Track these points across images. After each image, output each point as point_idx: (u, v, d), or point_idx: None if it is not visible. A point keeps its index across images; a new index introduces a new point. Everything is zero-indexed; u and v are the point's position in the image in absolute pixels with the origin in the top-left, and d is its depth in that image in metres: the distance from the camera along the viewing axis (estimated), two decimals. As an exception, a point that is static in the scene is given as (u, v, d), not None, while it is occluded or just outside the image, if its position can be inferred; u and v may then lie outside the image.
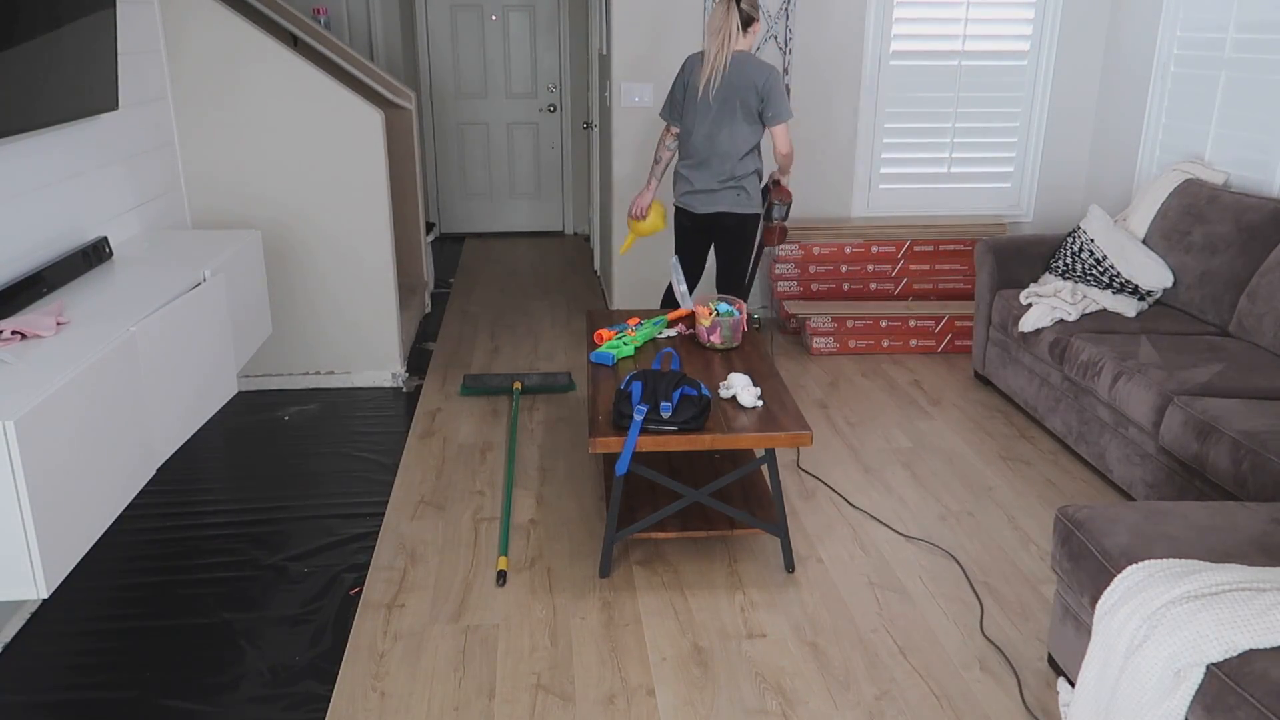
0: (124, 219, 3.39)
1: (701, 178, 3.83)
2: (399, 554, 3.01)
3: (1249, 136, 3.95)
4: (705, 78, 3.69)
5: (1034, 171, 5.21)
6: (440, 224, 7.43)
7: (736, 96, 3.69)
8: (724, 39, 3.65)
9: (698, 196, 3.86)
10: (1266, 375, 3.16)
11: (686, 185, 3.88)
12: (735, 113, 3.72)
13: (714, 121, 3.74)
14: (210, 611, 2.71)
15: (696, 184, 3.84)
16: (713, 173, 3.81)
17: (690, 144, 3.82)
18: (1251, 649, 1.74)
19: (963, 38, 4.93)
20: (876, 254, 4.94)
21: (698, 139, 3.78)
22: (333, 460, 3.64)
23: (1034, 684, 2.44)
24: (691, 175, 3.85)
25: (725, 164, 3.79)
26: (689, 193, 3.88)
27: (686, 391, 2.77)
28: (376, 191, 4.09)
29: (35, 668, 2.48)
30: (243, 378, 4.24)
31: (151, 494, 3.35)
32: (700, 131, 3.77)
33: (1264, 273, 3.50)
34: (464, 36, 7.00)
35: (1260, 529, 2.16)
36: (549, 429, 3.92)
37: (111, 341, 2.34)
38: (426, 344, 4.94)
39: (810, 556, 3.01)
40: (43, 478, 1.97)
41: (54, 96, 2.74)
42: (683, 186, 3.89)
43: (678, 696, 2.38)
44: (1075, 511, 2.28)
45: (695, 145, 3.80)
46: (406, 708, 2.34)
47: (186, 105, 3.86)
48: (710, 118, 3.74)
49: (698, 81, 3.71)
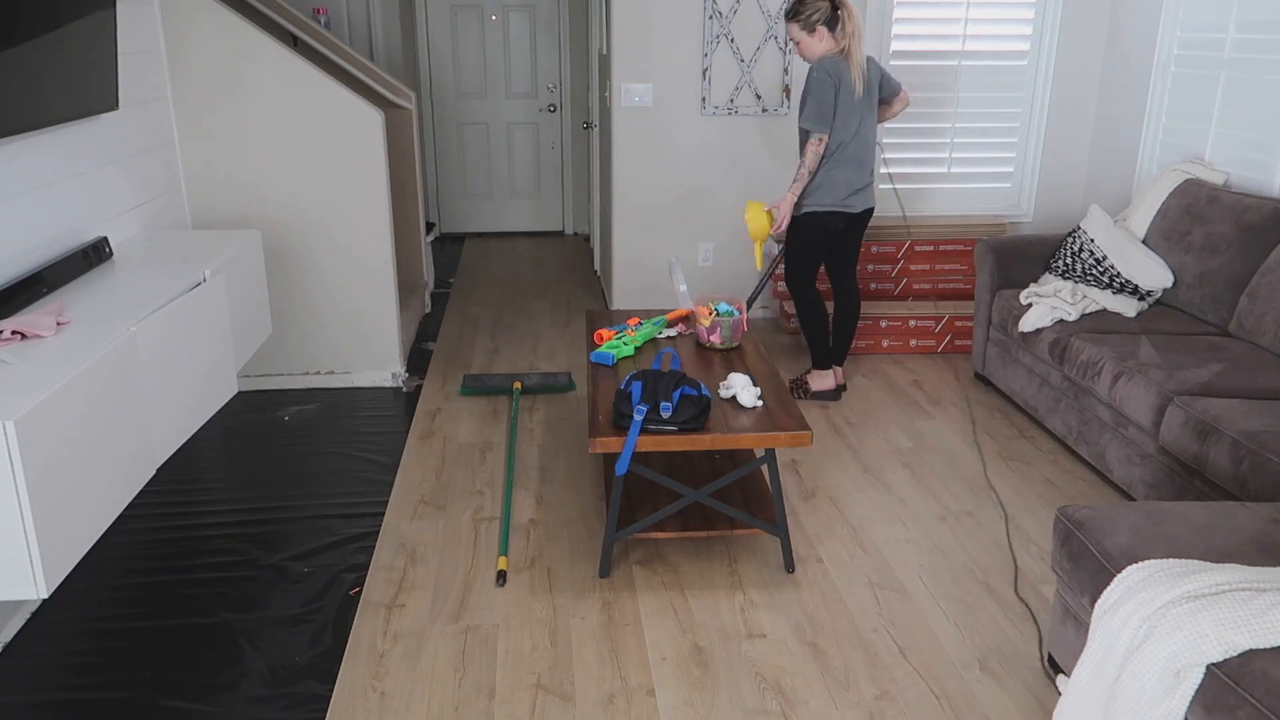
0: (124, 219, 3.39)
1: (862, 176, 3.90)
2: (399, 554, 3.01)
3: (1249, 136, 3.95)
4: (856, 78, 3.75)
5: (1034, 171, 5.22)
6: (440, 224, 7.43)
7: (874, 91, 3.86)
8: (860, 38, 3.76)
9: (859, 195, 3.91)
10: (1266, 375, 3.16)
11: (848, 187, 3.87)
12: (874, 107, 3.88)
13: (864, 119, 3.83)
14: (210, 611, 2.71)
15: (857, 182, 3.88)
16: (868, 169, 3.92)
17: (850, 146, 3.83)
18: (1251, 649, 1.74)
19: (963, 38, 4.94)
20: (876, 254, 4.94)
21: (857, 139, 3.84)
22: (333, 460, 3.64)
23: (1034, 684, 2.44)
24: (853, 176, 3.87)
25: (872, 158, 3.93)
26: (853, 193, 3.89)
27: (686, 391, 2.77)
28: (376, 191, 4.09)
29: (35, 668, 2.48)
30: (243, 378, 4.24)
31: (151, 494, 3.36)
32: (860, 132, 3.83)
33: (1264, 273, 3.50)
34: (464, 36, 7.00)
35: (1260, 529, 2.16)
36: (549, 429, 3.92)
37: (111, 341, 2.34)
38: (426, 344, 4.94)
39: (810, 556, 3.01)
40: (43, 478, 1.97)
41: (54, 96, 2.74)
42: (843, 190, 3.86)
43: (678, 696, 2.38)
44: (1075, 511, 2.28)
45: (855, 145, 3.84)
46: (406, 708, 2.34)
47: (186, 105, 3.86)
48: (860, 116, 3.82)
49: (852, 83, 3.75)
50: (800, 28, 3.72)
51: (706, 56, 4.85)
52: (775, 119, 5.00)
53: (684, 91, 4.91)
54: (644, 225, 5.12)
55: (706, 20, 4.79)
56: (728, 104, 4.94)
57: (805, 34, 3.73)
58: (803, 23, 3.71)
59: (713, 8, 4.78)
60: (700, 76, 4.89)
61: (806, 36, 3.73)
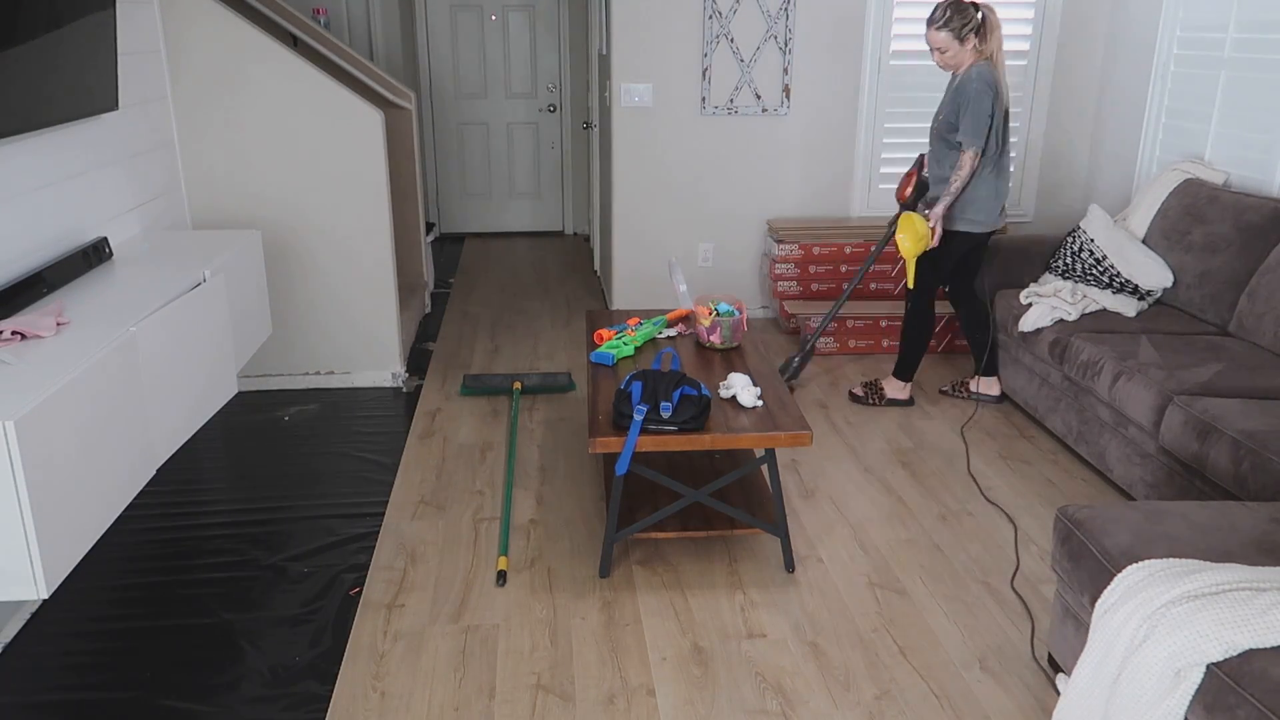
0: (124, 219, 3.39)
1: (1008, 188, 3.87)
2: (399, 554, 3.01)
3: (1249, 136, 3.95)
4: (1007, 87, 3.72)
5: (1034, 171, 5.22)
6: (440, 224, 7.43)
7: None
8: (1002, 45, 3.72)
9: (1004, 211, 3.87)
10: (1266, 375, 3.16)
11: (999, 202, 3.80)
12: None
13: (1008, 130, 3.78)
14: (210, 611, 2.71)
15: (1005, 196, 3.82)
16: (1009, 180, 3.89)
17: (1002, 158, 3.75)
18: (1251, 648, 1.74)
19: (963, 38, 4.93)
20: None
21: (1005, 151, 3.77)
22: (333, 460, 3.64)
23: (1034, 684, 2.44)
24: (1003, 190, 3.80)
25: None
26: (1002, 209, 3.83)
27: (686, 391, 2.77)
28: (376, 191, 4.09)
29: (35, 668, 2.48)
30: (243, 378, 4.24)
31: (151, 494, 3.35)
32: (1007, 143, 3.77)
33: (1264, 272, 3.50)
34: (464, 36, 7.00)
35: (1260, 529, 2.16)
36: (549, 429, 3.92)
37: (111, 342, 2.34)
38: (426, 344, 4.94)
39: (810, 556, 3.01)
40: (43, 478, 1.97)
41: (54, 96, 2.74)
42: (996, 206, 3.79)
43: (678, 696, 2.38)
44: (1075, 511, 2.28)
45: (1005, 157, 3.78)
46: (406, 708, 2.34)
47: (186, 105, 3.86)
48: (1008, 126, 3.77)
49: (1005, 92, 3.70)
50: (952, 36, 3.59)
51: (706, 56, 4.86)
52: (775, 119, 5.00)
53: (684, 91, 4.91)
54: (644, 225, 5.12)
55: (706, 20, 4.79)
56: (728, 104, 4.94)
57: (956, 43, 3.60)
58: (955, 31, 3.58)
59: (713, 8, 4.78)
60: (700, 76, 4.89)
61: (956, 45, 3.60)
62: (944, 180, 3.75)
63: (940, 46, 3.64)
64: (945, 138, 3.74)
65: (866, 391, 4.16)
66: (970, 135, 3.61)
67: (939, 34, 3.62)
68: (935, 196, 3.82)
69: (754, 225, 5.18)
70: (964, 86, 3.62)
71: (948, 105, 3.73)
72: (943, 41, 3.62)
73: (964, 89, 3.62)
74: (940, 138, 3.77)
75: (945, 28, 3.59)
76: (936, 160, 3.82)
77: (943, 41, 3.62)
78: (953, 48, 3.62)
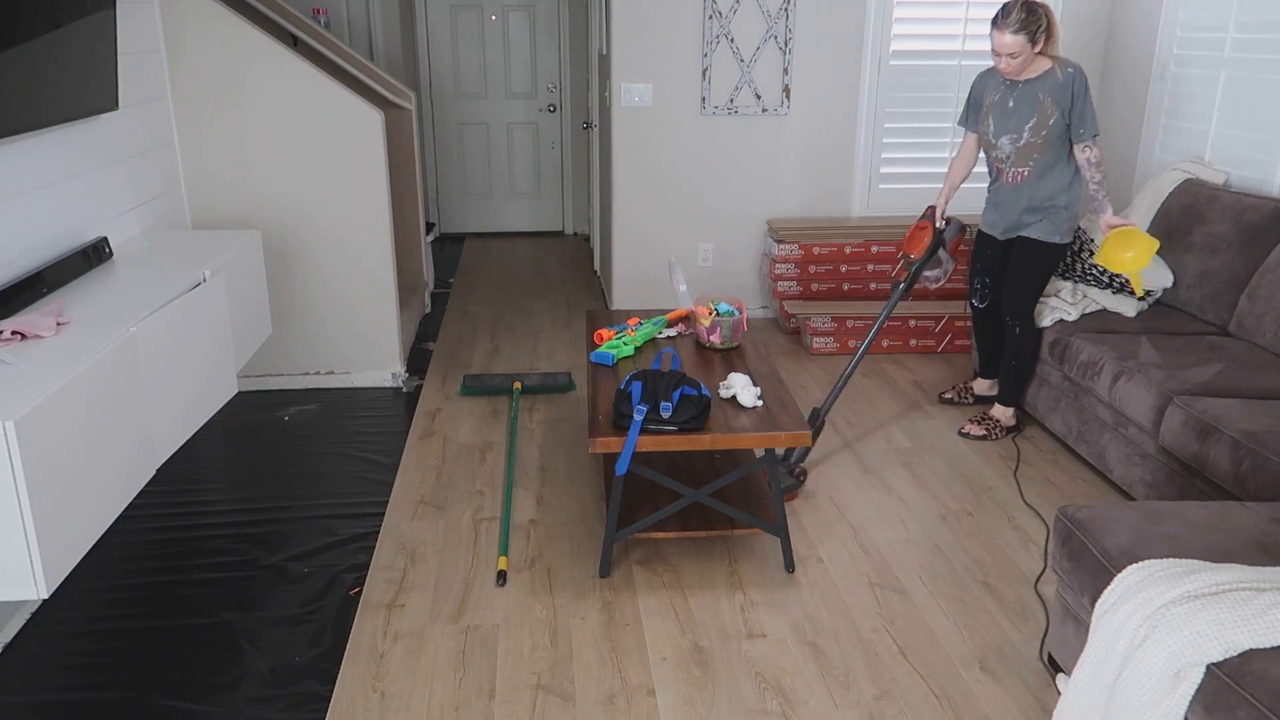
0: (124, 219, 3.39)
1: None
2: (399, 554, 3.01)
3: (1249, 136, 3.95)
4: None
5: (1034, 171, 5.21)
6: (440, 224, 7.43)
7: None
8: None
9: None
10: (1266, 375, 3.16)
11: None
12: None
13: None
14: (210, 611, 2.71)
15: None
16: None
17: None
18: (1251, 649, 1.74)
19: (963, 38, 4.93)
20: (876, 254, 4.94)
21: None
22: (333, 460, 3.64)
23: (1034, 684, 2.44)
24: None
25: None
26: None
27: (686, 391, 2.77)
28: (376, 191, 4.09)
29: (35, 668, 2.48)
30: (243, 378, 4.24)
31: (151, 494, 3.35)
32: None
33: (1264, 273, 3.50)
34: (464, 36, 7.00)
35: (1260, 529, 2.16)
36: (549, 429, 3.92)
37: (111, 342, 2.34)
38: (426, 344, 4.94)
39: (810, 556, 3.01)
40: (43, 478, 1.97)
41: (54, 96, 2.74)
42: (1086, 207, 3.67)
43: (678, 696, 2.38)
44: (1075, 511, 2.28)
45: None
46: (406, 708, 2.34)
47: (186, 105, 3.86)
48: None
49: None
50: (1027, 39, 3.35)
51: (706, 56, 4.85)
52: (775, 119, 5.00)
53: (684, 91, 4.91)
54: (644, 225, 5.12)
55: (706, 20, 4.79)
56: (728, 104, 4.94)
57: (1029, 46, 3.38)
58: (1031, 34, 3.35)
59: (713, 8, 4.78)
60: (700, 76, 4.89)
61: (1029, 49, 3.38)
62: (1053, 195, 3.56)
63: (1014, 51, 3.38)
64: (1050, 145, 3.50)
65: (988, 428, 3.86)
66: (1094, 125, 3.45)
67: (1015, 37, 3.36)
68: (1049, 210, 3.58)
69: (754, 225, 5.18)
70: (1070, 81, 3.42)
71: (1047, 108, 3.47)
72: (1017, 45, 3.37)
73: (1071, 84, 3.42)
74: (1047, 145, 3.51)
75: (1022, 30, 3.35)
76: (1037, 176, 3.57)
77: (1017, 45, 3.37)
78: (1025, 51, 3.39)
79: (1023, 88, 3.52)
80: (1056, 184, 3.57)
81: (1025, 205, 3.62)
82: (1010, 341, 3.78)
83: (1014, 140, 3.57)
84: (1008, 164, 3.62)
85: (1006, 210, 3.69)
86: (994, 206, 3.77)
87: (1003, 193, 3.70)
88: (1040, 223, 3.62)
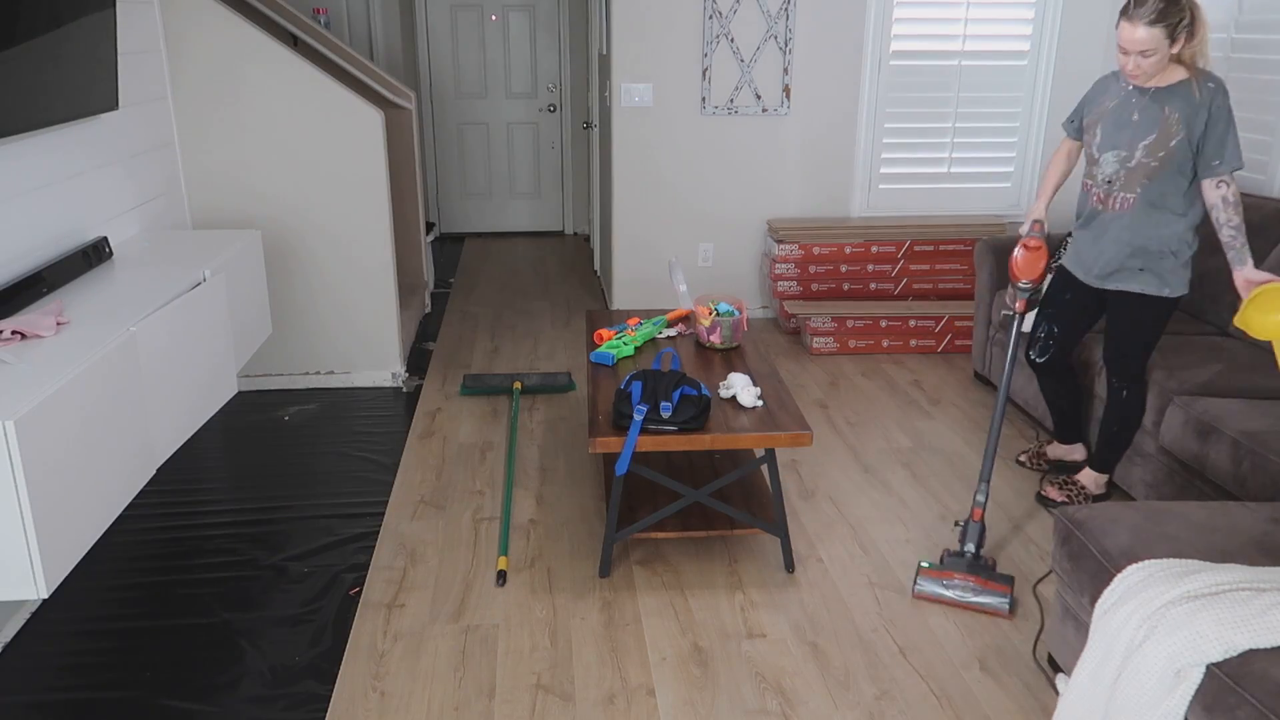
0: (124, 219, 3.39)
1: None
2: (399, 554, 3.01)
3: (1249, 137, 3.94)
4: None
5: (1034, 171, 5.21)
6: (440, 224, 7.43)
7: None
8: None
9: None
10: (1266, 375, 3.16)
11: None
12: None
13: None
14: (210, 611, 2.71)
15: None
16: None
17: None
18: (1251, 649, 1.74)
19: (963, 38, 4.94)
20: (876, 254, 4.94)
21: None
22: (333, 460, 3.64)
23: (1034, 684, 2.44)
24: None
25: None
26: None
27: (686, 391, 2.77)
28: (376, 191, 4.09)
29: (35, 668, 2.48)
30: (243, 378, 4.24)
31: (151, 494, 3.35)
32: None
33: (1264, 273, 3.50)
34: (464, 36, 7.00)
35: (1260, 529, 2.17)
36: (549, 429, 3.92)
37: (111, 341, 2.34)
38: (426, 344, 4.94)
39: (810, 556, 3.01)
40: (43, 478, 1.97)
41: (54, 96, 2.74)
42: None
43: (678, 696, 2.38)
44: (1075, 511, 2.28)
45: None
46: (406, 708, 2.34)
47: (186, 105, 3.86)
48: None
49: None
50: (1165, 34, 2.69)
51: (706, 56, 4.86)
52: (775, 119, 5.00)
53: (684, 91, 4.91)
54: (644, 225, 5.12)
55: (706, 20, 4.79)
56: (728, 104, 4.94)
57: (1166, 43, 2.71)
58: (1170, 28, 2.69)
59: (713, 8, 4.78)
60: (700, 76, 4.89)
61: (1166, 46, 2.72)
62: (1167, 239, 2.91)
63: (1146, 47, 2.70)
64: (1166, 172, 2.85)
65: (1069, 494, 3.29)
66: (1236, 157, 2.79)
67: (1150, 30, 2.68)
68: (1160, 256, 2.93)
69: (754, 225, 5.18)
70: (1210, 101, 2.76)
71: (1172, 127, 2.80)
72: (1152, 41, 2.69)
73: (1210, 104, 2.76)
74: (1162, 172, 2.85)
75: (1159, 23, 2.67)
76: (1145, 207, 2.90)
77: (1152, 41, 2.69)
78: (1161, 50, 2.71)
79: (1151, 97, 2.84)
80: (1171, 224, 2.90)
81: (1130, 244, 2.94)
82: (1114, 406, 3.14)
83: (1123, 159, 2.90)
84: (1111, 187, 2.95)
85: (1105, 247, 3.00)
86: (1091, 240, 3.06)
87: (1103, 223, 3.01)
88: (1144, 273, 2.96)
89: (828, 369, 4.62)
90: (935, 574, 2.79)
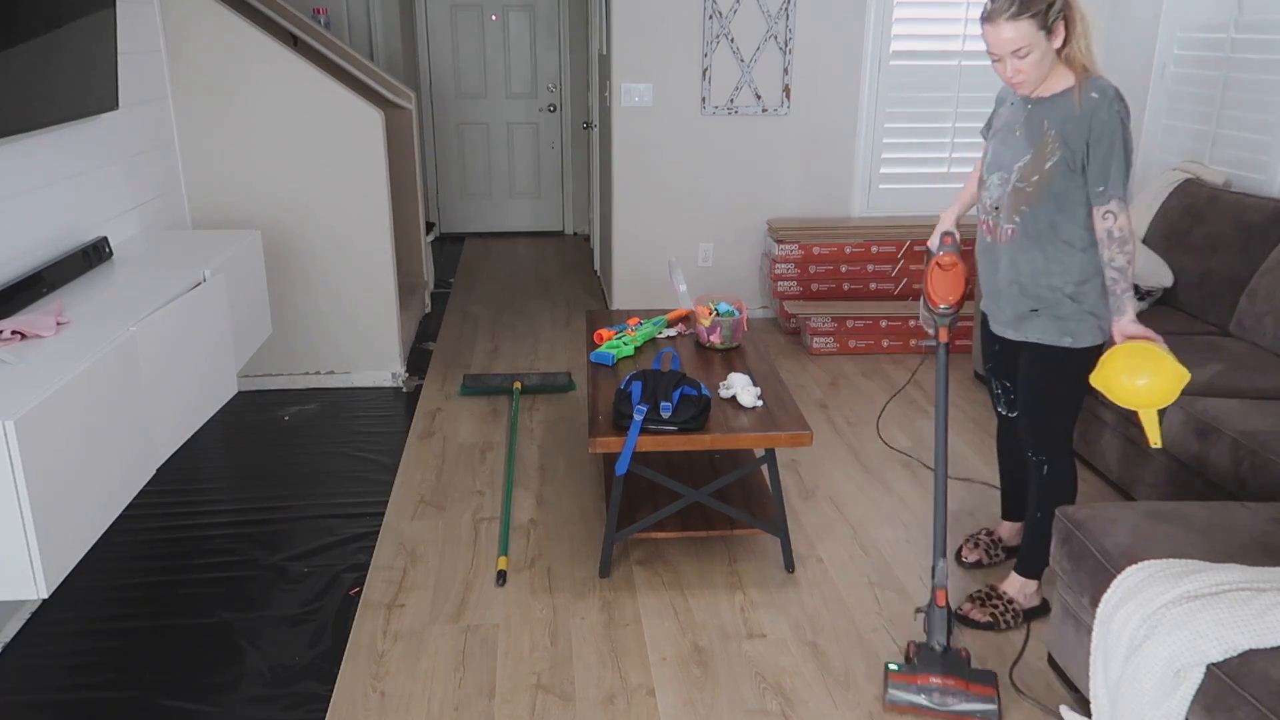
0: (124, 219, 3.39)
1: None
2: (399, 554, 3.01)
3: (1249, 137, 3.95)
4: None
5: (1034, 171, 5.21)
6: (440, 224, 7.43)
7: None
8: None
9: None
10: (1266, 375, 3.16)
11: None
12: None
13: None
14: (210, 611, 2.71)
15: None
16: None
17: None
18: (1251, 649, 1.74)
19: (963, 38, 4.93)
20: (876, 254, 4.94)
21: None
22: (333, 460, 3.64)
23: (1034, 684, 2.43)
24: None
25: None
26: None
27: (686, 391, 2.77)
28: (376, 191, 4.09)
29: (35, 668, 2.48)
30: (243, 378, 4.24)
31: (151, 494, 3.35)
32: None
33: (1264, 273, 3.50)
34: (464, 36, 7.00)
35: (1260, 529, 2.16)
36: (549, 429, 3.92)
37: (111, 341, 2.34)
38: (426, 344, 4.94)
39: (810, 556, 3.01)
40: (43, 478, 1.97)
41: (54, 96, 2.74)
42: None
43: (678, 696, 2.38)
44: (1075, 511, 2.28)
45: None
46: (406, 708, 2.34)
47: (186, 105, 3.86)
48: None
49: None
50: (1035, 26, 2.21)
51: (706, 56, 4.85)
52: (775, 119, 5.00)
53: (684, 91, 4.91)
54: (644, 225, 5.12)
55: (706, 20, 4.79)
56: (728, 104, 4.94)
57: (1042, 35, 2.23)
58: (1039, 18, 2.21)
59: (713, 8, 4.78)
60: (700, 76, 4.89)
61: (1044, 41, 2.24)
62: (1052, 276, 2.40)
63: (1018, 45, 2.24)
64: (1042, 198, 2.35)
65: (996, 612, 2.65)
66: (1120, 182, 2.29)
67: (1015, 24, 2.22)
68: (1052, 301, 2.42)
69: (754, 225, 5.18)
70: (1093, 112, 2.27)
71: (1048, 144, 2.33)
72: (1021, 37, 2.23)
73: (1092, 116, 2.27)
74: (1038, 198, 2.36)
75: (1024, 13, 2.21)
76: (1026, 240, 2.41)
77: (1021, 37, 2.23)
78: (1038, 45, 2.24)
79: (1033, 109, 2.39)
80: (1064, 260, 2.39)
81: (1016, 281, 2.46)
82: (1036, 487, 2.58)
83: (1004, 181, 2.44)
84: (997, 215, 2.47)
85: (1000, 285, 2.52)
86: (988, 277, 2.58)
87: (994, 258, 2.52)
88: (1037, 316, 2.46)
89: (828, 369, 4.62)
90: (907, 678, 2.34)
